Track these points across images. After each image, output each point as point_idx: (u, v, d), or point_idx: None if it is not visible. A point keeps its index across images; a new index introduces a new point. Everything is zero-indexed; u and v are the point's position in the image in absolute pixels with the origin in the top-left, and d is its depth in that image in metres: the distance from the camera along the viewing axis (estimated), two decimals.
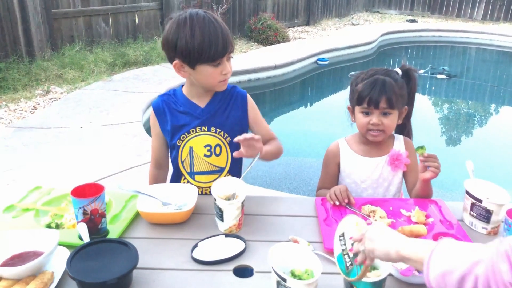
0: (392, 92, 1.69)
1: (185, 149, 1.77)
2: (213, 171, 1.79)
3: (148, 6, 7.82)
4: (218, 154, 1.77)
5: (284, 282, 1.07)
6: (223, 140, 1.76)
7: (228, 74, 1.66)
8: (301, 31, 11.01)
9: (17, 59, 5.89)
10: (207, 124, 1.74)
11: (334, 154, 1.87)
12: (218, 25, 1.58)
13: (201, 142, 1.75)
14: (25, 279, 1.15)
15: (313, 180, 4.20)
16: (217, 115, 1.75)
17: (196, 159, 1.78)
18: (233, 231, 1.45)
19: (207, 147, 1.76)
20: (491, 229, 1.46)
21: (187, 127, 1.75)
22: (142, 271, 1.25)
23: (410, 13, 14.57)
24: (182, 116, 1.75)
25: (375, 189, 1.83)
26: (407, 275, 1.19)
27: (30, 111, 5.01)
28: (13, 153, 3.88)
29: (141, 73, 6.42)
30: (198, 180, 1.80)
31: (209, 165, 1.78)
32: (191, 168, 1.79)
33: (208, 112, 1.75)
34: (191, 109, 1.75)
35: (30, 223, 1.46)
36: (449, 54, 10.91)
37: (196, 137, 1.75)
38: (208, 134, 1.75)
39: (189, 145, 1.76)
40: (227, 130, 1.76)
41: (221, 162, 1.79)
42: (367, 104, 1.71)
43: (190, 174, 1.80)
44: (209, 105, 1.75)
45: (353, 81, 1.83)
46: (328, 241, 1.38)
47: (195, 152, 1.76)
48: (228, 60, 1.65)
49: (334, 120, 5.86)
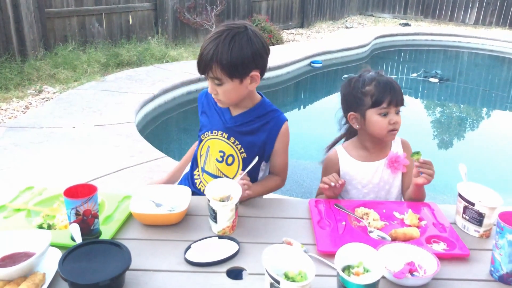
0: (401, 90, 1.75)
1: (205, 145, 1.82)
2: (220, 177, 1.77)
3: (142, 6, 7.79)
4: (229, 163, 1.78)
5: (277, 284, 1.06)
6: (237, 152, 1.76)
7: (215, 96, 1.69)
8: (295, 34, 11.03)
9: (9, 58, 5.85)
10: (228, 132, 1.76)
11: (333, 162, 1.86)
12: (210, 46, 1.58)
13: (217, 146, 1.78)
14: (16, 280, 1.14)
15: (306, 182, 4.21)
16: (242, 128, 1.76)
17: (209, 159, 1.81)
18: (226, 232, 1.45)
19: (221, 153, 1.78)
20: (483, 232, 1.47)
21: (213, 126, 1.80)
22: (135, 272, 1.24)
23: (404, 17, 14.65)
24: (214, 114, 1.81)
25: (377, 193, 1.83)
26: (400, 278, 1.20)
27: (22, 110, 4.98)
28: (4, 153, 3.84)
29: (135, 74, 6.40)
30: (206, 178, 1.83)
31: (218, 170, 1.80)
32: (203, 164, 1.84)
33: (235, 122, 1.76)
34: (223, 112, 1.79)
35: (21, 223, 1.44)
36: (441, 58, 10.97)
37: (215, 139, 1.78)
38: (225, 141, 1.77)
39: (208, 144, 1.81)
40: (245, 146, 1.76)
41: (230, 172, 1.79)
42: (387, 104, 1.70)
43: (202, 169, 1.85)
44: (239, 116, 1.77)
45: (353, 87, 1.79)
46: (321, 243, 1.38)
47: (210, 153, 1.81)
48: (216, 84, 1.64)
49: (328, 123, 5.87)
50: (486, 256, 1.35)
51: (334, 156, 1.87)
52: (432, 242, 1.41)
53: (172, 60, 7.40)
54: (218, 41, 1.57)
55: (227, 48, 1.56)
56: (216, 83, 1.62)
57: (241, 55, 1.57)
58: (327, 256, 1.32)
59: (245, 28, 1.61)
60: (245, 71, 1.61)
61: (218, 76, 1.59)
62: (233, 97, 1.68)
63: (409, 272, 1.23)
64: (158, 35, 8.01)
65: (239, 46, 1.57)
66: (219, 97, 1.67)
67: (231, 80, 1.61)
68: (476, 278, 1.27)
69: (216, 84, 1.63)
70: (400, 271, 1.22)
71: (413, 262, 1.27)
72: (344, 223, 1.50)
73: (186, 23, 8.44)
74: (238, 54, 1.56)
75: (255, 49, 1.60)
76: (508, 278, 1.24)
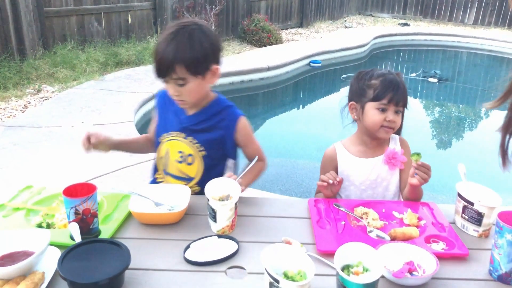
0: (406, 92, 1.76)
1: (163, 148, 1.80)
2: (181, 178, 1.79)
3: (141, 6, 7.78)
4: (189, 163, 1.78)
5: (277, 283, 1.06)
6: (197, 152, 1.76)
7: (175, 96, 1.65)
8: (294, 33, 11.03)
9: (8, 57, 5.84)
10: (185, 132, 1.76)
11: (331, 158, 1.87)
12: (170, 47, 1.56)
13: (176, 147, 1.77)
14: (15, 279, 1.13)
15: (305, 181, 4.21)
16: (198, 126, 1.76)
17: (170, 161, 1.79)
18: (226, 232, 1.45)
19: (180, 153, 1.77)
20: (482, 232, 1.47)
21: (170, 127, 1.78)
22: (134, 271, 1.24)
23: (403, 17, 14.65)
24: (171, 115, 1.79)
25: (374, 190, 1.83)
26: (399, 277, 1.20)
27: (20, 110, 4.97)
28: (3, 152, 3.84)
29: (134, 73, 6.39)
30: (168, 181, 1.81)
31: (178, 171, 1.79)
32: (165, 167, 1.81)
33: (191, 121, 1.76)
34: (179, 112, 1.77)
35: (20, 222, 1.44)
36: (440, 58, 10.98)
37: (173, 140, 1.77)
38: (183, 141, 1.76)
39: (167, 146, 1.78)
40: (203, 143, 1.76)
41: (191, 171, 1.79)
42: (387, 101, 1.72)
43: (165, 172, 1.82)
44: (195, 115, 1.76)
45: (361, 77, 1.82)
46: (320, 242, 1.38)
47: (170, 155, 1.79)
48: (178, 85, 1.61)
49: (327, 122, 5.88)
50: (485, 255, 1.35)
51: (332, 152, 1.88)
52: (431, 242, 1.42)
53: None
54: (176, 41, 1.56)
55: (188, 45, 1.57)
56: (180, 84, 1.61)
57: (202, 51, 1.59)
58: (326, 256, 1.32)
59: (196, 24, 1.62)
60: (207, 66, 1.63)
61: (182, 76, 1.59)
62: (197, 95, 1.69)
63: (408, 272, 1.23)
64: (157, 35, 8.01)
65: (198, 42, 1.59)
66: (182, 97, 1.65)
67: (195, 77, 1.61)
68: (475, 278, 1.27)
69: (179, 85, 1.61)
70: (400, 271, 1.22)
71: (412, 262, 1.27)
72: (343, 222, 1.50)
73: None
74: (199, 50, 1.58)
75: (212, 43, 1.64)
76: (507, 277, 1.24)
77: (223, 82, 6.85)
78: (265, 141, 5.33)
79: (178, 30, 1.59)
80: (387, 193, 1.85)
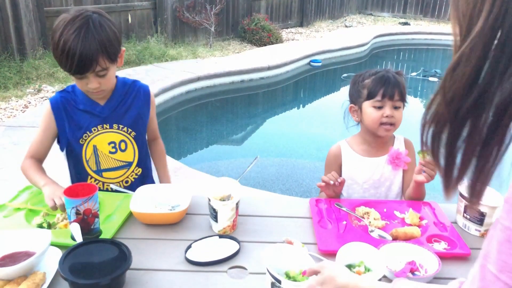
0: (401, 86, 1.75)
1: (88, 148, 1.75)
2: (121, 166, 1.79)
3: (141, 5, 7.78)
4: (123, 149, 1.78)
5: (279, 283, 1.06)
6: (127, 135, 1.77)
7: (98, 89, 1.61)
8: (294, 33, 11.02)
9: (8, 57, 5.84)
10: (108, 121, 1.74)
11: (335, 156, 1.87)
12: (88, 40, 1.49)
13: (105, 140, 1.75)
14: (16, 279, 1.13)
15: (305, 181, 4.21)
16: (118, 111, 1.75)
17: (102, 157, 1.77)
18: (227, 232, 1.44)
19: (111, 144, 1.76)
20: (484, 231, 1.47)
21: (89, 126, 1.72)
22: (135, 272, 1.24)
23: (403, 16, 14.65)
24: (82, 114, 1.72)
25: (377, 189, 1.83)
26: (401, 277, 1.19)
27: (21, 109, 4.97)
28: (3, 152, 3.84)
29: (134, 73, 6.38)
30: (107, 176, 1.79)
31: (115, 161, 1.78)
32: (97, 166, 1.77)
33: (108, 109, 1.74)
34: (91, 107, 1.72)
35: (21, 223, 1.44)
36: (441, 57, 10.97)
37: (99, 135, 1.74)
38: (110, 131, 1.75)
39: (92, 143, 1.74)
40: (130, 125, 1.77)
41: (128, 156, 1.80)
42: (381, 96, 1.72)
43: (97, 172, 1.78)
44: (109, 102, 1.74)
45: (356, 80, 1.84)
46: (322, 242, 1.38)
47: (100, 150, 1.76)
48: (99, 76, 1.58)
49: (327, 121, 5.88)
50: None
51: (337, 150, 1.88)
52: (433, 241, 1.41)
53: (171, 59, 7.40)
54: (91, 34, 1.49)
55: (104, 34, 1.53)
56: (101, 75, 1.58)
57: (114, 36, 1.58)
58: (328, 256, 1.31)
59: (93, 12, 1.57)
60: (119, 49, 1.63)
61: (105, 66, 1.56)
62: (113, 81, 1.70)
63: (410, 272, 1.23)
64: (158, 34, 8.00)
65: (108, 28, 1.56)
66: (101, 88, 1.62)
67: (113, 64, 1.61)
68: None
69: (100, 76, 1.58)
70: (401, 270, 1.22)
71: (414, 261, 1.27)
72: (344, 222, 1.50)
73: (186, 22, 8.43)
74: (112, 36, 1.56)
75: (115, 25, 1.62)
76: None
77: (223, 82, 6.85)
78: (265, 141, 5.36)
79: (85, 22, 1.50)
80: (389, 193, 1.84)
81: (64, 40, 1.48)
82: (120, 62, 1.68)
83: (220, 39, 9.31)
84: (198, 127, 5.79)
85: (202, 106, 6.47)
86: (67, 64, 1.51)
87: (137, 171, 1.82)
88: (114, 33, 1.58)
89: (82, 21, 1.50)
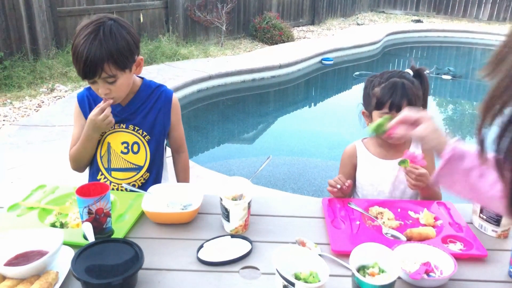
0: (411, 94, 1.67)
1: (104, 145, 1.77)
2: (130, 169, 1.78)
3: (153, 4, 7.81)
4: (135, 152, 1.77)
5: (292, 286, 1.05)
6: (141, 138, 1.77)
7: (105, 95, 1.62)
8: (306, 31, 10.99)
9: (22, 57, 5.90)
10: (125, 122, 1.76)
11: (350, 156, 1.85)
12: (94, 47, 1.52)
13: (119, 139, 1.76)
14: (29, 278, 1.14)
15: (317, 180, 4.18)
16: (137, 113, 1.76)
17: (113, 155, 1.78)
18: (239, 231, 1.44)
19: (124, 144, 1.76)
20: (501, 232, 1.44)
21: None
22: (147, 271, 1.23)
23: (416, 13, 14.51)
24: None
25: (392, 192, 1.81)
26: (416, 279, 1.17)
27: (34, 109, 5.02)
28: (17, 151, 3.88)
29: (146, 72, 6.41)
30: (115, 176, 1.79)
31: (126, 162, 1.78)
32: (108, 164, 1.79)
33: (128, 110, 1.76)
34: (111, 106, 1.71)
35: (34, 222, 1.44)
36: (454, 55, 10.86)
37: (114, 133, 1.75)
38: (125, 131, 1.76)
39: (107, 141, 1.76)
40: (146, 128, 1.77)
41: (139, 160, 1.79)
42: (388, 109, 1.68)
43: (107, 170, 1.79)
44: (130, 104, 1.76)
45: (367, 85, 1.81)
46: (335, 243, 1.36)
47: (113, 148, 1.77)
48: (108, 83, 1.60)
49: (339, 120, 5.84)
50: (504, 256, 1.32)
51: (352, 150, 1.86)
52: (448, 242, 1.39)
53: (183, 58, 7.41)
54: (98, 40, 1.53)
55: (112, 42, 1.55)
56: (109, 82, 1.60)
57: (126, 44, 1.59)
58: (341, 256, 1.30)
59: (111, 19, 1.60)
60: (132, 58, 1.63)
61: (112, 73, 1.57)
62: (126, 89, 1.69)
63: (425, 273, 1.21)
64: (169, 33, 8.03)
65: (120, 36, 1.57)
66: (112, 95, 1.63)
67: (124, 72, 1.61)
68: (494, 279, 1.24)
69: (109, 83, 1.60)
70: (416, 272, 1.19)
71: (429, 263, 1.25)
72: (358, 222, 1.48)
73: (197, 21, 8.45)
74: (123, 44, 1.58)
75: (132, 34, 1.63)
76: None
77: (234, 81, 6.85)
78: (277, 139, 5.34)
79: (96, 28, 1.54)
80: (404, 197, 1.81)
81: (75, 44, 1.56)
82: (138, 71, 1.69)
83: (232, 38, 9.31)
84: (209, 125, 5.80)
85: (214, 105, 6.47)
86: (77, 67, 1.57)
87: (146, 176, 1.81)
88: (126, 42, 1.59)
89: (94, 27, 1.55)
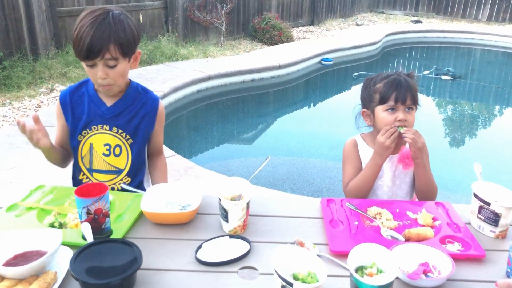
0: (413, 89, 1.76)
1: (85, 145, 1.77)
2: (111, 171, 1.78)
3: (153, 5, 7.81)
4: (117, 154, 1.77)
5: (290, 286, 1.05)
6: (124, 141, 1.76)
7: (102, 80, 1.62)
8: (305, 31, 10.99)
9: (21, 57, 5.90)
10: (109, 123, 1.75)
11: (354, 145, 1.89)
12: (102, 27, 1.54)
13: (101, 141, 1.75)
14: (28, 279, 1.14)
15: (316, 180, 4.19)
16: (121, 116, 1.75)
17: (95, 157, 1.77)
18: (237, 232, 1.44)
19: (106, 146, 1.76)
20: (499, 233, 1.44)
21: (90, 123, 1.74)
22: (146, 271, 1.23)
23: (415, 14, 14.52)
24: (85, 109, 1.75)
25: (389, 187, 1.85)
26: (414, 279, 1.18)
27: (34, 109, 5.02)
28: (16, 151, 3.88)
29: (145, 72, 6.41)
30: (96, 177, 1.79)
31: (107, 164, 1.78)
32: (90, 164, 1.78)
33: (113, 112, 1.75)
34: (97, 105, 1.74)
35: (33, 222, 1.44)
36: (453, 55, 10.86)
37: (97, 134, 1.75)
38: (108, 133, 1.75)
39: (89, 141, 1.76)
40: (129, 132, 1.76)
41: (120, 163, 1.78)
42: (394, 101, 1.73)
43: (89, 171, 1.79)
44: (115, 105, 1.75)
45: (367, 84, 1.86)
46: (333, 243, 1.36)
47: (95, 150, 1.76)
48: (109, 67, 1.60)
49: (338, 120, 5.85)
50: (502, 257, 1.33)
51: (354, 142, 1.90)
52: (446, 243, 1.39)
53: (182, 59, 7.42)
54: (108, 22, 1.56)
55: (121, 26, 1.58)
56: (110, 65, 1.60)
57: (131, 32, 1.62)
58: (339, 256, 1.30)
59: (117, 10, 1.64)
60: (134, 48, 1.66)
61: (115, 55, 1.58)
62: (123, 79, 1.69)
63: (423, 273, 1.21)
64: (169, 34, 8.03)
65: (127, 24, 1.61)
66: (109, 81, 1.63)
67: (125, 59, 1.63)
68: (492, 280, 1.24)
69: (110, 66, 1.60)
70: (414, 272, 1.20)
71: (428, 263, 1.25)
72: (356, 222, 1.48)
73: (196, 21, 8.45)
74: (129, 31, 1.61)
75: (137, 28, 1.67)
76: None
77: (234, 81, 6.86)
78: (276, 140, 5.35)
79: (103, 14, 1.58)
80: (400, 192, 1.85)
81: (81, 24, 1.57)
82: (134, 65, 1.70)
83: (231, 38, 9.31)
84: (209, 126, 5.80)
85: (213, 105, 6.48)
86: (79, 47, 1.56)
87: (126, 180, 1.80)
88: (131, 30, 1.62)
89: (102, 11, 1.59)
